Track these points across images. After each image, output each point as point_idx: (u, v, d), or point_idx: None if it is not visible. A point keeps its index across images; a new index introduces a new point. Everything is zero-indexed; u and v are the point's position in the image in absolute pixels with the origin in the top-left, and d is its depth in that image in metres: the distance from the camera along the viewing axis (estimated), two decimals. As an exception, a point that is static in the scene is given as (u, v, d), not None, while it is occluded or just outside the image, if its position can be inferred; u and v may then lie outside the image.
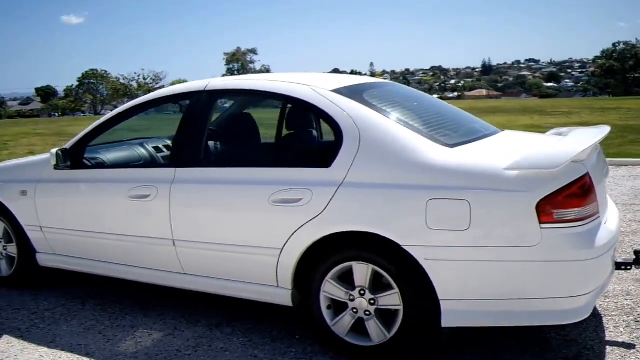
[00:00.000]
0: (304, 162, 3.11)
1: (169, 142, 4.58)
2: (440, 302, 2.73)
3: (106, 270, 3.81)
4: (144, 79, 61.46)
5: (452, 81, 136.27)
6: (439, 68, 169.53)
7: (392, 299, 2.85)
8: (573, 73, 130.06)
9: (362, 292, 2.91)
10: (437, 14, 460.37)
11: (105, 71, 65.75)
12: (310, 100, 3.16)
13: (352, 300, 2.95)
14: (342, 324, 2.99)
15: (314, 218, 2.93)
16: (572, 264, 2.58)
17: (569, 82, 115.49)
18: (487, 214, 2.62)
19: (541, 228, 2.55)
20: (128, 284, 4.00)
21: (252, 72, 71.15)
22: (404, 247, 2.75)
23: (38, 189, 3.97)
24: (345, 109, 3.04)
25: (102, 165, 3.99)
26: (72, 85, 66.77)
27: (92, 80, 64.76)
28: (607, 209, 3.10)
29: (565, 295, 2.61)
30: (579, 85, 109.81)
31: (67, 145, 3.88)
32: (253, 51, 72.10)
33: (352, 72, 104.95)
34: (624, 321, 3.30)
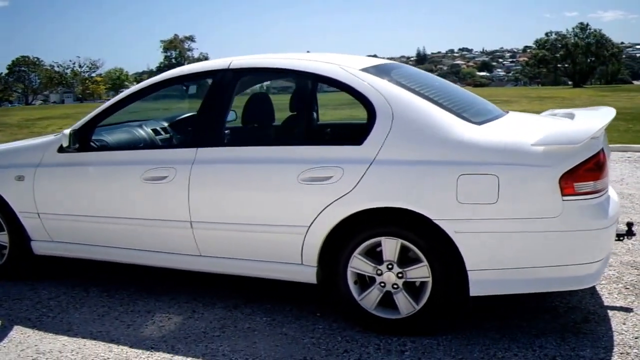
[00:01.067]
0: (335, 140, 3.16)
1: (166, 125, 4.53)
2: (468, 272, 2.89)
3: (113, 256, 3.74)
4: (80, 66, 58.90)
5: None
6: (374, 57, 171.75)
7: (420, 272, 2.97)
8: (504, 62, 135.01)
9: (390, 266, 3.03)
10: (370, 3, 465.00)
11: (38, 58, 62.52)
12: (342, 79, 3.22)
13: (380, 275, 3.06)
14: (370, 299, 3.09)
15: (344, 195, 3.00)
16: (589, 233, 2.80)
17: (500, 72, 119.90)
18: (515, 188, 2.79)
19: (563, 200, 2.75)
20: (127, 269, 3.97)
21: (191, 60, 69.73)
22: (435, 221, 2.88)
23: (38, 173, 3.83)
24: (377, 88, 3.12)
25: (111, 147, 3.89)
26: (1, 73, 63.10)
27: (23, 68, 61.40)
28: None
29: (582, 262, 2.83)
30: (510, 74, 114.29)
31: (75, 126, 3.76)
32: (191, 38, 70.76)
33: None
34: (614, 289, 3.58)
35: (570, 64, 53.90)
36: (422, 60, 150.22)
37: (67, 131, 3.64)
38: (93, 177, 3.69)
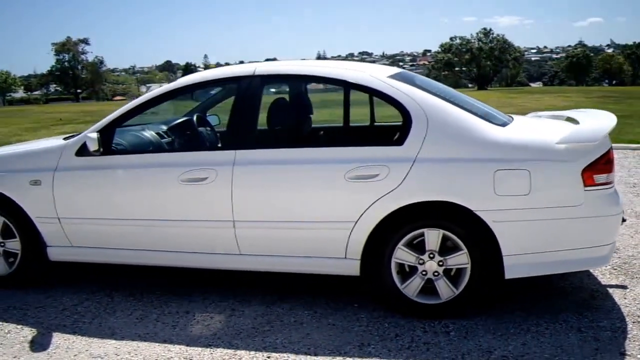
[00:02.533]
0: (380, 142, 3.38)
1: (165, 128, 4.52)
2: (504, 257, 3.22)
3: (145, 259, 3.74)
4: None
5: None
6: (274, 59, 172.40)
7: (460, 259, 3.27)
8: (404, 66, 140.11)
9: (432, 255, 3.30)
10: (270, 6, 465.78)
11: None
12: (374, 86, 3.46)
13: (422, 264, 3.32)
14: (412, 287, 3.35)
15: (391, 191, 3.24)
16: (605, 219, 3.22)
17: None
18: (544, 181, 3.16)
19: (585, 190, 3.14)
20: (139, 272, 4.00)
21: (85, 63, 66.98)
22: (475, 212, 3.18)
23: (56, 177, 3.74)
24: (407, 94, 3.39)
25: (138, 150, 3.86)
26: None
27: None
28: None
29: (599, 244, 3.25)
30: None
31: (94, 129, 3.70)
32: (85, 41, 67.95)
33: (187, 65, 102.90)
34: (605, 270, 4.05)
35: (475, 67, 57.07)
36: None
37: (94, 134, 3.59)
38: (124, 180, 3.67)
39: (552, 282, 3.85)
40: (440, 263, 3.31)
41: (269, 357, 2.99)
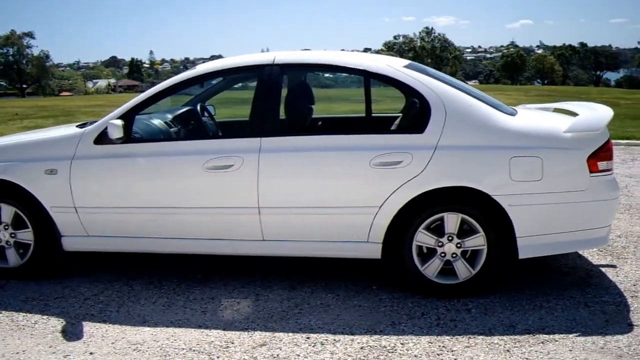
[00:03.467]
0: (402, 129, 3.54)
1: (171, 117, 4.52)
2: (518, 239, 3.46)
3: (165, 247, 3.77)
4: None
5: None
6: (219, 57, 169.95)
7: (477, 241, 3.49)
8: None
9: (451, 238, 3.51)
10: (217, 2, 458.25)
11: None
12: (393, 75, 3.62)
13: (441, 246, 3.52)
14: (432, 268, 3.55)
15: (414, 177, 3.42)
16: (606, 202, 3.52)
17: (342, 73, 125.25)
18: (554, 167, 3.42)
19: (590, 176, 3.43)
20: (149, 261, 4.06)
21: (30, 58, 64.23)
22: (493, 196, 3.41)
23: (74, 166, 3.70)
24: (425, 83, 3.58)
25: (159, 138, 3.85)
26: None
27: None
28: None
29: (600, 226, 3.56)
30: (344, 75, 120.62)
31: (115, 116, 3.68)
32: (30, 35, 65.13)
33: (133, 60, 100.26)
34: (592, 252, 4.39)
35: None
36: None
37: (119, 122, 3.58)
38: (147, 168, 3.67)
39: (549, 264, 4.14)
40: (458, 245, 3.52)
41: (308, 338, 3.11)
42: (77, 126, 4.19)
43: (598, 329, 3.16)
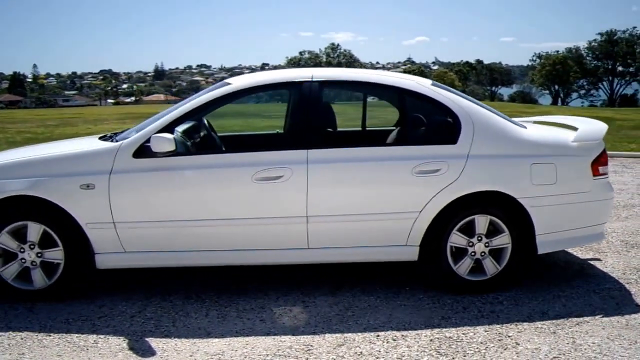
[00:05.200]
0: (437, 141, 3.85)
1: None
2: (537, 236, 3.91)
3: (210, 259, 3.80)
4: None
5: (125, 85, 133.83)
6: (109, 72, 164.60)
7: (503, 240, 3.89)
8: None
9: (480, 238, 3.87)
10: (104, 16, 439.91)
11: None
12: (425, 93, 3.96)
13: (472, 246, 3.87)
14: (463, 267, 3.89)
15: (451, 184, 3.76)
16: (605, 202, 4.08)
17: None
18: (565, 172, 3.92)
19: (593, 179, 3.95)
20: (170, 274, 4.03)
21: None
22: (518, 199, 3.82)
23: (113, 180, 3.62)
24: (452, 100, 3.97)
25: (202, 151, 3.86)
26: None
27: None
28: None
29: (599, 223, 4.11)
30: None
31: (154, 129, 3.67)
32: None
33: (15, 74, 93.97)
34: (575, 249, 4.92)
35: None
36: (160, 76, 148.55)
37: (169, 135, 3.58)
38: (194, 181, 3.68)
39: (545, 260, 4.63)
40: (487, 244, 3.89)
41: (378, 336, 3.30)
42: (99, 138, 4.08)
43: (614, 310, 3.65)
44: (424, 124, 4.08)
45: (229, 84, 4.03)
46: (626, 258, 4.66)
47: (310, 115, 3.86)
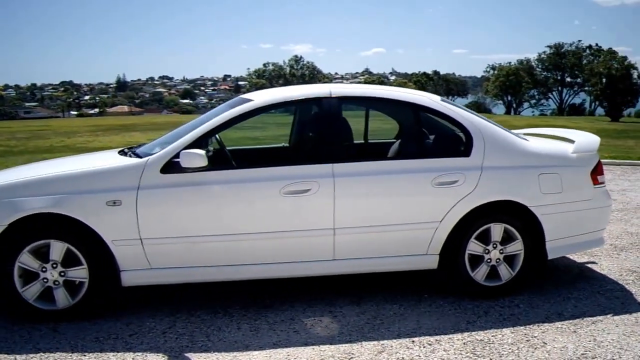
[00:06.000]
0: (452, 153, 4.02)
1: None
2: (547, 242, 4.12)
3: (235, 274, 3.82)
4: None
5: (87, 97, 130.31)
6: (70, 83, 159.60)
7: (516, 247, 4.08)
8: (206, 90, 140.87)
9: (495, 245, 4.05)
10: (62, 26, 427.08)
11: None
12: (437, 108, 4.16)
13: (488, 253, 4.04)
14: (480, 273, 4.06)
15: (468, 194, 3.93)
16: (604, 209, 4.35)
17: (203, 99, 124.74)
18: (569, 181, 4.16)
19: (594, 188, 4.21)
20: (192, 289, 4.02)
21: None
22: (530, 208, 4.02)
23: (141, 196, 3.60)
24: (462, 115, 4.17)
25: (232, 165, 3.87)
26: None
27: None
28: None
29: (599, 229, 4.37)
30: (213, 101, 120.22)
31: (181, 145, 3.69)
32: None
33: None
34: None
35: None
36: (122, 87, 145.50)
37: (201, 151, 3.60)
38: (223, 195, 3.70)
39: (546, 265, 4.86)
40: (501, 251, 4.07)
41: (413, 342, 3.41)
42: (119, 152, 4.05)
43: (621, 309, 3.89)
44: (439, 137, 4.25)
45: (249, 99, 4.08)
46: (618, 260, 4.95)
47: (332, 130, 3.96)
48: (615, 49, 46.06)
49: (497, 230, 4.05)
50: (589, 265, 4.86)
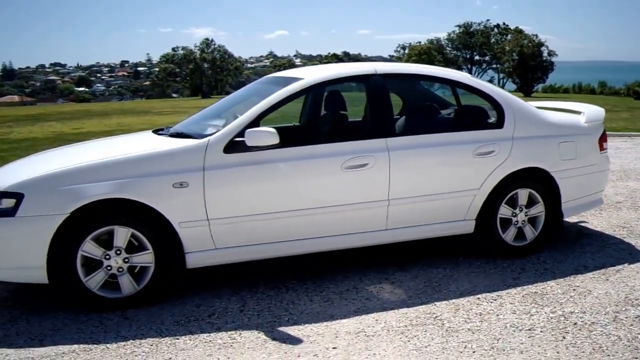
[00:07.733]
0: (488, 126, 4.33)
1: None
2: (562, 204, 4.56)
3: (297, 248, 3.90)
4: None
5: None
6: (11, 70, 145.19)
7: (538, 209, 4.51)
8: (103, 77, 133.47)
9: (521, 208, 4.43)
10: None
11: None
12: (472, 84, 4.45)
13: (515, 216, 4.41)
14: (510, 234, 4.45)
15: (502, 162, 4.27)
16: (606, 172, 4.91)
17: (100, 86, 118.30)
18: (582, 148, 4.64)
19: (599, 153, 4.72)
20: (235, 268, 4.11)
21: None
22: (551, 173, 4.43)
23: (207, 177, 3.57)
24: (492, 89, 4.49)
25: (294, 143, 3.88)
26: None
27: None
28: None
29: (601, 190, 4.89)
30: (111, 89, 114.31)
31: (241, 123, 3.71)
32: None
33: None
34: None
35: (200, 77, 58.47)
36: (10, 76, 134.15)
37: (272, 129, 3.64)
38: (285, 173, 3.76)
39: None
40: (526, 214, 4.45)
41: (478, 299, 3.69)
42: (153, 131, 4.08)
43: (632, 258, 4.42)
44: (475, 111, 4.53)
45: (299, 78, 4.13)
46: (604, 219, 5.54)
47: (383, 106, 4.11)
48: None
49: (523, 194, 4.42)
50: (582, 225, 5.40)
